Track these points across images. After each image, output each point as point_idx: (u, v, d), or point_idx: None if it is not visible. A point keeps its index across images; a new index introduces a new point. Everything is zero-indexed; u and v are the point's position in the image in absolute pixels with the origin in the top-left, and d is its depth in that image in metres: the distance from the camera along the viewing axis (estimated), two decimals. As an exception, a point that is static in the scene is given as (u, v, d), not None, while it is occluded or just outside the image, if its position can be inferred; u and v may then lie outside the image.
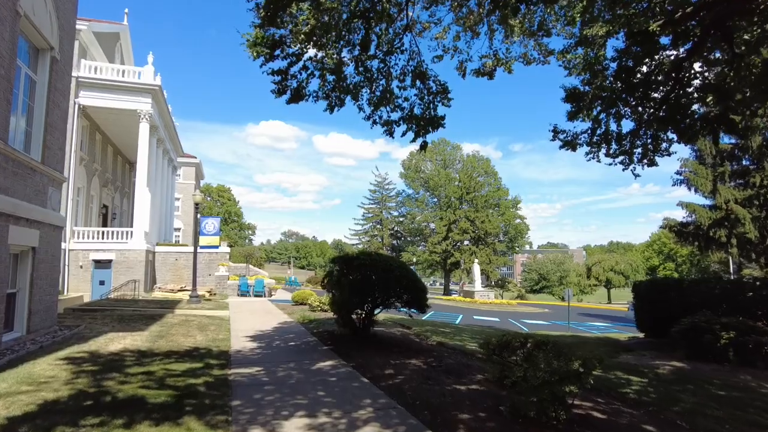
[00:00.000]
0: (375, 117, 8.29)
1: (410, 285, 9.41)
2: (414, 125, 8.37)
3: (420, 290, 9.65)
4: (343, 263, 10.30)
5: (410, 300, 9.44)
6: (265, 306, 20.41)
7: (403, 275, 9.43)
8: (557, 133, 10.26)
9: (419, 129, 8.46)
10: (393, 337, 11.83)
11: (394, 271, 9.31)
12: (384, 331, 12.57)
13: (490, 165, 66.21)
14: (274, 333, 11.93)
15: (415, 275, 10.22)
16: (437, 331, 13.99)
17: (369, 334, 10.43)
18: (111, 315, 14.09)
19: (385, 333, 12.22)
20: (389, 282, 9.12)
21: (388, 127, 8.63)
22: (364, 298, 9.67)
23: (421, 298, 9.60)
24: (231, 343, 10.14)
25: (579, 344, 14.70)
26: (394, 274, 9.22)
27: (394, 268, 9.42)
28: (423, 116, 8.34)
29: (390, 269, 9.26)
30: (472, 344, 11.85)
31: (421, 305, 9.59)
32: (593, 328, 24.25)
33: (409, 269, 10.30)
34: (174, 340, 9.83)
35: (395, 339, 11.52)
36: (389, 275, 9.12)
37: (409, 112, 8.44)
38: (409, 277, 9.62)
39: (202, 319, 14.15)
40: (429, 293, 10.64)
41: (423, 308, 9.65)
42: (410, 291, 9.36)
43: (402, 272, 9.53)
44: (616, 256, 72.48)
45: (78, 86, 24.11)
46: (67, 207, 23.13)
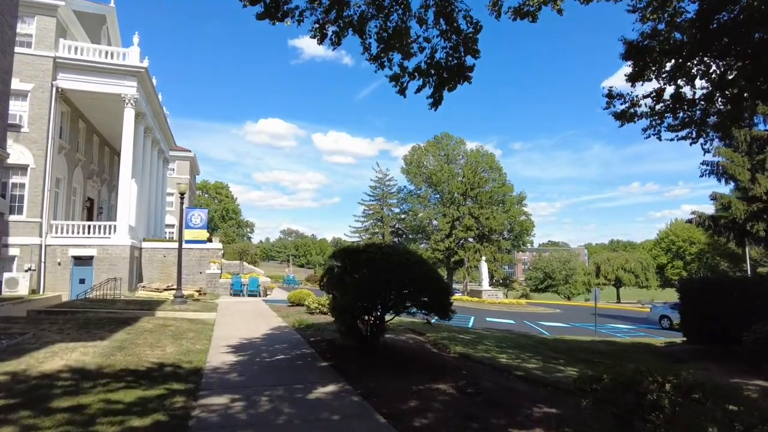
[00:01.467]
0: (384, 60, 6.28)
1: (432, 285, 7.46)
2: (434, 76, 6.38)
3: (444, 292, 7.72)
4: (346, 258, 8.36)
5: (431, 304, 7.48)
6: (258, 307, 18.46)
7: (423, 273, 7.49)
8: (612, 97, 8.27)
9: (441, 82, 6.49)
10: (406, 347, 9.88)
11: (412, 267, 7.36)
12: (394, 338, 10.62)
13: (494, 160, 64.18)
14: (263, 342, 9.98)
15: (437, 273, 8.29)
16: (455, 337, 12.04)
17: (378, 345, 8.48)
18: (77, 319, 12.14)
19: (396, 342, 10.26)
20: (406, 281, 7.18)
21: (398, 82, 6.67)
22: (373, 301, 7.73)
23: (446, 301, 7.66)
24: (208, 356, 8.18)
25: (617, 353, 12.77)
26: (413, 271, 7.27)
27: (412, 264, 7.47)
28: (447, 64, 6.35)
29: (407, 265, 7.31)
30: (502, 356, 9.90)
31: (444, 310, 7.64)
32: (617, 331, 22.31)
33: (430, 266, 8.34)
34: (136, 353, 7.87)
35: (409, 350, 9.57)
36: (406, 273, 7.16)
37: (428, 59, 6.44)
38: (430, 276, 7.68)
39: (182, 323, 12.20)
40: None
41: (447, 314, 7.70)
42: (432, 293, 7.41)
43: (422, 269, 7.59)
44: (625, 254, 70.49)
45: (56, 68, 22.15)
46: (44, 198, 21.21)
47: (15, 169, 21.16)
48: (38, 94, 21.55)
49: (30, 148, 21.17)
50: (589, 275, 70.10)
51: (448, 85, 6.35)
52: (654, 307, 28.58)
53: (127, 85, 23.62)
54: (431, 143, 66.94)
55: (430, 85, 6.45)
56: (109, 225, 23.07)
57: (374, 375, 6.90)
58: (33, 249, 20.89)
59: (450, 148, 66.22)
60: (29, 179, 21.12)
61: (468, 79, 6.32)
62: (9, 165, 21.08)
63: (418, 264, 7.65)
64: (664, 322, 25.00)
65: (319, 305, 14.98)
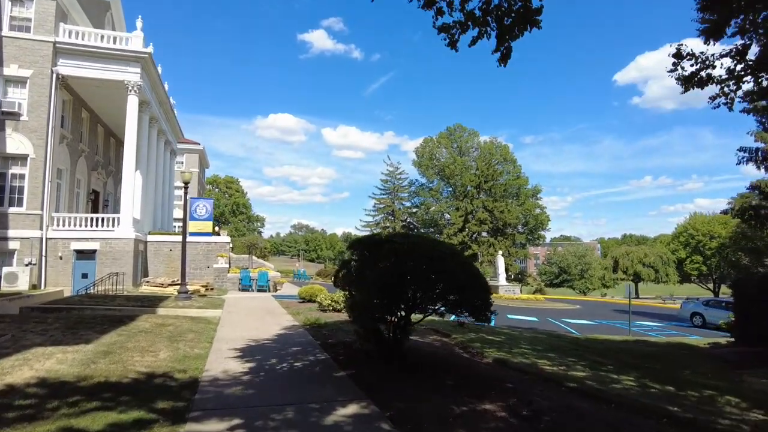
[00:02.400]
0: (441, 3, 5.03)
1: (471, 282, 6.24)
2: (494, 23, 5.11)
3: (485, 290, 6.48)
4: (365, 250, 7.16)
5: (470, 303, 6.25)
6: (267, 304, 17.39)
7: (461, 267, 6.27)
8: (681, 57, 6.93)
9: (504, 30, 5.22)
10: (433, 352, 8.68)
11: (447, 260, 6.13)
12: (417, 341, 9.43)
13: (508, 151, 62.48)
14: (271, 344, 8.85)
15: (476, 268, 7.05)
16: (484, 339, 10.82)
17: (403, 350, 7.28)
18: (69, 317, 11.12)
19: (421, 346, 9.07)
20: (440, 277, 5.96)
21: (448, 33, 5.42)
22: (398, 300, 6.53)
23: (486, 301, 6.42)
24: (207, 363, 7.06)
25: (664, 356, 11.45)
26: (448, 265, 6.04)
27: (446, 256, 6.24)
28: (510, 7, 5.07)
29: (440, 258, 6.08)
30: (544, 362, 8.66)
31: (484, 311, 6.40)
32: (647, 329, 20.91)
33: (467, 259, 7.10)
34: (123, 360, 6.76)
35: (437, 356, 8.37)
36: (440, 267, 5.94)
37: (483, 3, 5.16)
38: (469, 271, 6.46)
39: (183, 322, 11.13)
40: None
41: (487, 316, 6.46)
42: (471, 291, 6.17)
43: (459, 262, 6.37)
44: (644, 248, 68.38)
45: (56, 53, 21.19)
46: (44, 190, 20.31)
47: (14, 160, 20.28)
48: (37, 80, 20.59)
49: (29, 138, 20.24)
50: (606, 270, 68.19)
51: (511, 33, 5.09)
52: (684, 303, 27.09)
53: (130, 71, 22.59)
54: (443, 135, 65.43)
55: (487, 35, 5.19)
56: (113, 218, 22.13)
57: (402, 389, 5.71)
58: (33, 242, 20.02)
59: (463, 140, 64.66)
60: (29, 170, 20.21)
61: (536, 23, 5.06)
62: (8, 155, 20.24)
63: (453, 256, 6.43)
64: (696, 319, 23.56)
65: (332, 302, 13.85)
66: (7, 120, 20.09)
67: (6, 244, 19.65)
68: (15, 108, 20.05)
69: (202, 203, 25.74)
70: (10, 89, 20.57)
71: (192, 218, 24.33)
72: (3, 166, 20.17)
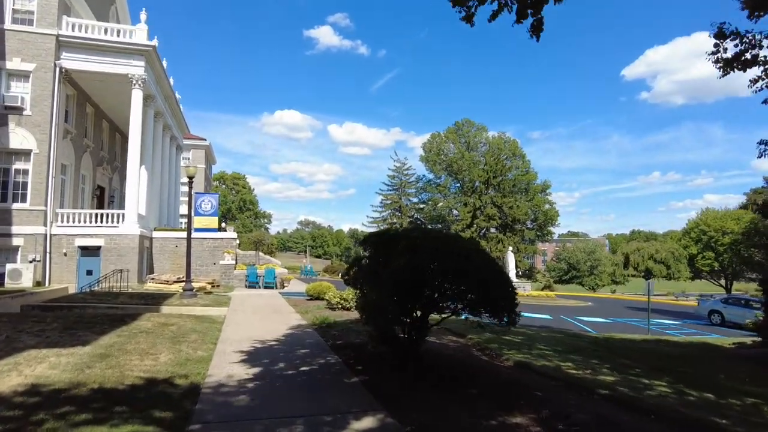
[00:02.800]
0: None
1: (497, 281, 5.71)
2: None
3: (511, 289, 5.94)
4: (380, 245, 6.66)
5: (494, 304, 5.72)
6: (275, 301, 16.97)
7: (486, 265, 5.75)
8: (724, 37, 6.33)
9: (523, 3, 4.68)
10: (450, 354, 8.18)
11: (472, 257, 5.61)
12: (433, 342, 8.92)
13: (517, 146, 61.60)
14: (279, 346, 8.38)
15: (500, 266, 6.52)
16: (500, 339, 10.29)
17: (419, 353, 6.78)
18: (69, 316, 10.74)
19: (437, 347, 8.57)
20: (464, 274, 5.42)
21: (464, 6, 4.89)
22: (416, 299, 6.03)
23: (513, 301, 5.89)
24: (210, 367, 6.60)
25: (692, 357, 10.86)
26: (473, 262, 5.52)
27: (471, 252, 5.72)
28: None
29: (464, 254, 5.56)
30: (568, 365, 8.13)
31: (511, 312, 5.86)
32: (665, 327, 20.26)
33: (490, 256, 6.55)
34: (120, 365, 6.32)
35: (455, 359, 7.86)
36: (464, 264, 5.41)
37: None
38: (495, 268, 5.94)
39: (187, 321, 10.70)
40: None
41: (513, 318, 5.93)
42: (496, 290, 5.64)
43: (484, 260, 5.85)
44: (656, 244, 67.27)
45: (59, 46, 20.81)
46: (48, 185, 19.98)
47: (18, 155, 19.96)
48: (40, 74, 20.23)
49: (33, 132, 19.91)
50: (616, 266, 67.25)
51: (535, 5, 4.55)
52: (701, 301, 26.35)
53: (134, 64, 22.18)
54: (451, 130, 64.68)
55: (508, 8, 4.66)
56: (117, 213, 21.79)
57: (422, 399, 5.21)
58: (37, 239, 19.71)
59: (471, 135, 63.88)
60: (32, 165, 19.88)
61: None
62: (11, 150, 19.93)
63: (478, 253, 5.91)
64: (715, 317, 22.86)
65: (342, 300, 13.38)
66: (10, 114, 19.76)
67: (10, 241, 19.36)
68: (18, 102, 19.70)
69: (208, 198, 25.32)
70: (13, 83, 20.23)
71: (197, 214, 23.95)
72: (6, 162, 19.85)
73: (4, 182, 19.74)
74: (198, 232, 24.23)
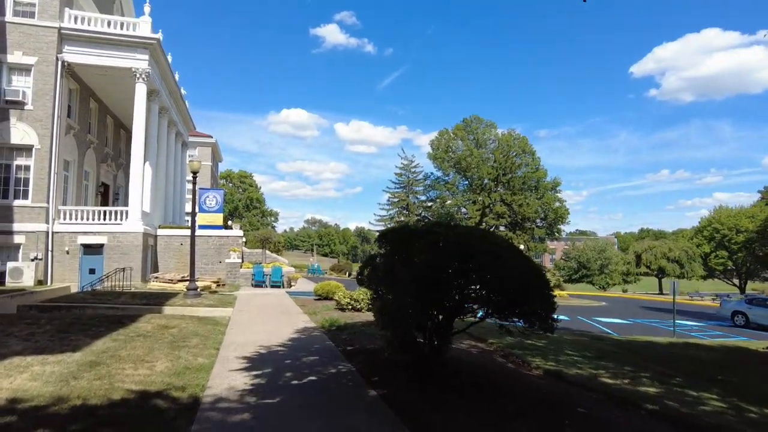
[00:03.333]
0: None
1: (536, 283, 5.00)
2: None
3: (549, 291, 5.24)
4: (399, 241, 5.98)
5: (531, 308, 5.02)
6: (282, 301, 16.35)
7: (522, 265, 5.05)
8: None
9: None
10: (473, 362, 7.49)
11: (505, 256, 4.91)
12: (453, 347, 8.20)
13: (527, 143, 60.52)
14: (286, 352, 7.72)
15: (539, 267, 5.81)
16: (523, 344, 9.56)
17: (442, 362, 6.09)
18: (66, 317, 10.16)
19: (458, 354, 7.86)
20: (497, 276, 4.73)
21: None
22: (440, 302, 5.34)
23: (552, 306, 5.18)
24: (211, 377, 5.96)
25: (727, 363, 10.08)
26: (506, 263, 4.82)
27: (503, 250, 5.02)
28: None
29: (496, 253, 4.86)
30: (602, 373, 7.41)
31: (548, 318, 5.16)
32: (688, 329, 19.42)
33: (526, 256, 5.83)
34: (111, 374, 5.69)
35: (479, 367, 7.17)
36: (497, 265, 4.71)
37: None
38: (534, 271, 5.23)
39: (189, 323, 10.09)
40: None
41: (552, 324, 5.22)
42: (534, 294, 4.94)
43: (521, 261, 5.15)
44: (669, 243, 65.92)
45: (61, 40, 20.27)
46: (50, 181, 19.46)
47: (19, 150, 19.46)
48: (42, 68, 19.71)
49: (34, 127, 19.41)
50: (628, 265, 66.04)
51: None
52: (724, 301, 25.39)
53: (137, 58, 21.61)
54: (460, 127, 63.72)
55: None
56: (121, 210, 21.26)
57: (452, 418, 4.53)
58: (39, 236, 19.22)
59: (480, 132, 62.89)
60: (34, 161, 19.38)
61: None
62: (13, 145, 19.44)
63: (513, 252, 5.22)
64: (738, 318, 21.97)
65: (352, 300, 12.72)
66: (11, 109, 19.27)
67: (11, 239, 18.88)
68: (19, 96, 19.20)
69: (212, 194, 24.72)
70: (14, 77, 19.74)
71: (201, 210, 23.36)
72: (8, 158, 19.38)
73: (5, 178, 19.26)
74: (203, 230, 23.70)
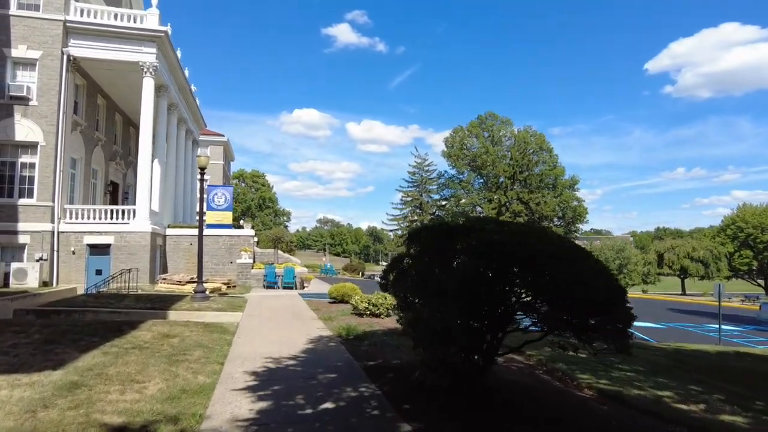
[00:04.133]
0: None
1: (615, 294, 3.96)
2: None
3: (626, 304, 4.18)
4: (435, 240, 4.94)
5: (608, 325, 3.96)
6: (294, 303, 15.43)
7: (599, 269, 4.01)
8: None
9: None
10: (515, 381, 6.43)
11: (578, 260, 3.86)
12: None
13: (544, 140, 59.05)
14: (298, 368, 6.74)
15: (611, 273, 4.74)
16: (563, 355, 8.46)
17: (487, 386, 5.06)
18: (61, 323, 9.34)
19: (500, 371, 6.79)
20: (569, 284, 3.68)
21: None
22: (492, 316, 4.29)
23: (630, 321, 4.12)
24: (211, 401, 5.00)
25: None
26: (582, 267, 3.77)
27: (576, 252, 3.98)
28: None
29: (568, 258, 3.82)
30: (667, 394, 6.32)
31: (625, 337, 4.10)
32: (729, 335, 18.06)
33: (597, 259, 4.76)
34: (92, 400, 4.76)
35: (523, 386, 6.12)
36: (570, 271, 3.67)
37: None
38: (610, 277, 4.19)
39: (193, 331, 9.18)
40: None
41: (628, 343, 4.16)
42: (615, 306, 3.89)
43: (593, 262, 4.11)
44: (692, 242, 63.82)
45: (67, 33, 19.62)
46: (55, 179, 18.81)
47: (24, 148, 18.82)
48: (47, 62, 19.06)
49: (39, 124, 18.76)
50: (649, 265, 64.08)
51: None
52: (764, 305, 23.90)
53: (145, 51, 20.88)
54: (474, 124, 62.42)
55: None
56: (128, 209, 20.53)
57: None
58: (44, 236, 18.55)
59: (495, 128, 61.54)
60: (39, 158, 18.72)
61: None
62: (17, 142, 18.80)
63: (582, 252, 4.17)
64: (782, 323, 20.55)
65: (370, 305, 11.71)
66: (15, 105, 18.63)
67: (16, 238, 18.25)
68: (24, 92, 18.56)
69: (221, 191, 23.83)
70: (18, 72, 19.12)
71: (209, 208, 22.52)
72: (12, 155, 18.76)
73: (10, 176, 18.65)
74: (212, 229, 22.89)
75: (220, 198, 23.12)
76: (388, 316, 11.62)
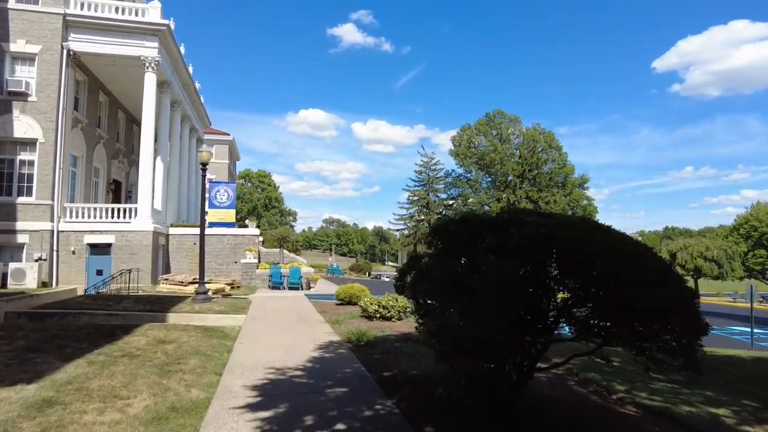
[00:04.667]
0: None
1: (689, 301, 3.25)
2: None
3: (698, 309, 3.47)
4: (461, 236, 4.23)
5: (675, 335, 3.25)
6: (300, 305, 14.76)
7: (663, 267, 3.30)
8: None
9: None
10: (548, 395, 5.69)
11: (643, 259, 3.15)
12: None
13: (554, 137, 58.09)
14: (305, 380, 6.05)
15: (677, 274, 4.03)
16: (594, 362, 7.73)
17: (523, 403, 4.34)
18: (50, 327, 8.70)
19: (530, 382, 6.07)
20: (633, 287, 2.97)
21: None
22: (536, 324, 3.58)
23: (699, 332, 3.40)
24: (205, 422, 4.32)
25: None
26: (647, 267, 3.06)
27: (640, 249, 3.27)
28: None
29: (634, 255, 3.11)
30: (723, 411, 5.57)
31: (693, 351, 3.38)
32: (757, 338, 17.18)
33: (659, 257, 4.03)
34: (63, 424, 4.09)
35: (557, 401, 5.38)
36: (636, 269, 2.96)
37: None
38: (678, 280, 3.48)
39: (191, 336, 8.52)
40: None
41: (697, 358, 3.44)
42: (684, 315, 3.17)
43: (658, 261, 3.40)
44: (706, 241, 62.46)
45: (67, 27, 19.11)
46: (55, 177, 18.28)
47: (23, 145, 18.30)
48: (47, 57, 18.53)
49: (38, 120, 18.23)
50: (661, 264, 62.77)
51: None
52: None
53: (146, 45, 20.31)
54: (482, 122, 61.52)
55: None
56: (129, 208, 19.97)
57: None
58: (44, 235, 18.02)
59: (503, 127, 60.62)
60: (38, 155, 18.20)
61: None
62: (16, 139, 18.27)
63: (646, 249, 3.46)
64: (810, 326, 19.58)
65: (380, 308, 11.00)
66: (14, 101, 18.12)
67: (14, 238, 17.73)
68: (22, 87, 18.04)
69: (224, 188, 23.15)
70: (17, 67, 18.59)
71: (212, 206, 21.89)
72: (11, 152, 18.24)
73: (8, 174, 18.13)
74: (215, 227, 22.29)
75: (223, 195, 22.48)
76: (399, 320, 10.93)
